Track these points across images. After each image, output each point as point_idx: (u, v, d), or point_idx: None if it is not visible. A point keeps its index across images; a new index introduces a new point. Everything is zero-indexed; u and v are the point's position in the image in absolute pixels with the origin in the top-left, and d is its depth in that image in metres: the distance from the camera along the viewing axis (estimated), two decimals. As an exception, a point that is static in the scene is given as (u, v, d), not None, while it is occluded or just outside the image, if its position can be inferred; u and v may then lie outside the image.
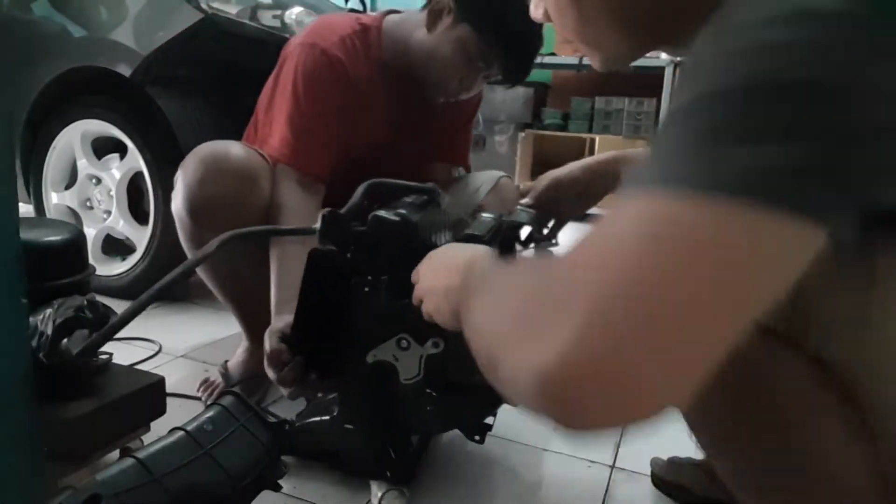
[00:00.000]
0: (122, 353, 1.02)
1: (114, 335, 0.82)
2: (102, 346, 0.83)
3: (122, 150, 1.82)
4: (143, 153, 1.75)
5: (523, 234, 1.01)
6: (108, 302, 0.92)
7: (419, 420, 0.96)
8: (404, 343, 0.90)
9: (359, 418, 0.95)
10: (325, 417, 0.96)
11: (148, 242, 1.79)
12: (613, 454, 1.17)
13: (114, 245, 1.95)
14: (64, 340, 0.83)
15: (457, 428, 1.00)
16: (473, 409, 0.98)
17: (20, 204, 1.31)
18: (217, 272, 1.22)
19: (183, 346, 1.54)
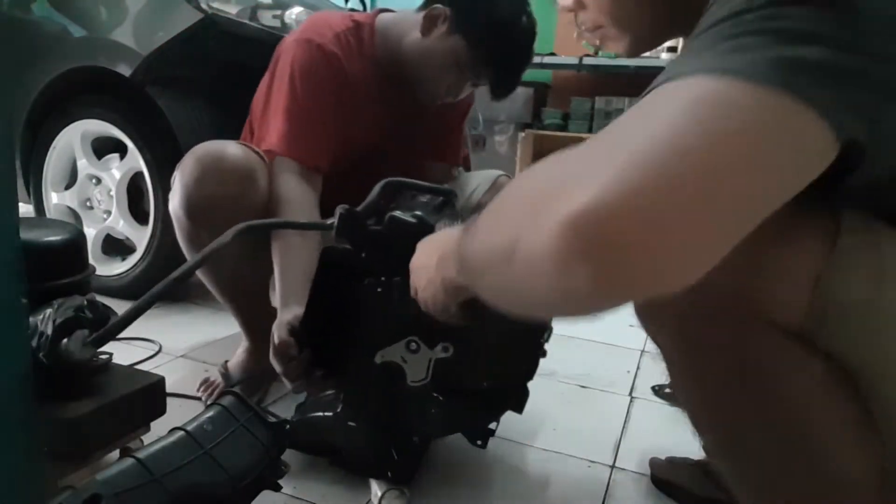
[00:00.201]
0: (122, 353, 1.01)
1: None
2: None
3: (122, 150, 1.82)
4: (143, 153, 1.75)
5: None
6: (108, 302, 0.92)
7: (423, 422, 0.96)
8: (413, 345, 0.90)
9: (362, 417, 0.95)
10: (329, 414, 0.96)
11: (148, 242, 1.79)
12: (613, 454, 1.17)
13: (114, 245, 1.95)
14: (64, 340, 0.83)
15: (460, 432, 1.00)
16: (478, 415, 0.98)
17: (20, 204, 1.31)
18: (217, 273, 1.22)
19: (183, 346, 1.54)
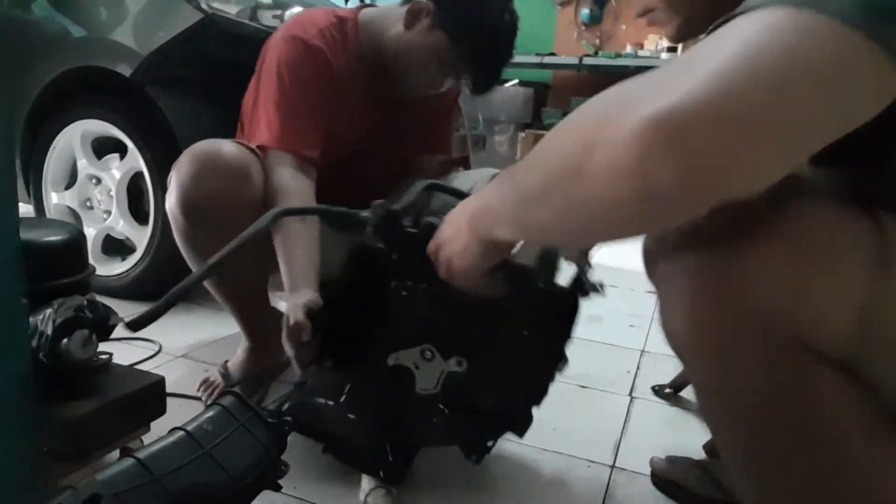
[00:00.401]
0: (122, 353, 1.01)
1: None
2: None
3: (122, 150, 1.82)
4: (143, 153, 1.75)
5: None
6: (108, 302, 0.92)
7: (423, 429, 0.96)
8: (428, 354, 0.90)
9: (364, 412, 0.95)
10: (331, 402, 0.96)
11: (148, 242, 1.79)
12: (613, 454, 1.17)
13: (114, 245, 1.95)
14: (64, 340, 0.83)
15: (458, 445, 1.00)
16: (479, 431, 0.99)
17: (20, 204, 1.31)
18: (219, 275, 1.22)
19: (183, 346, 1.54)
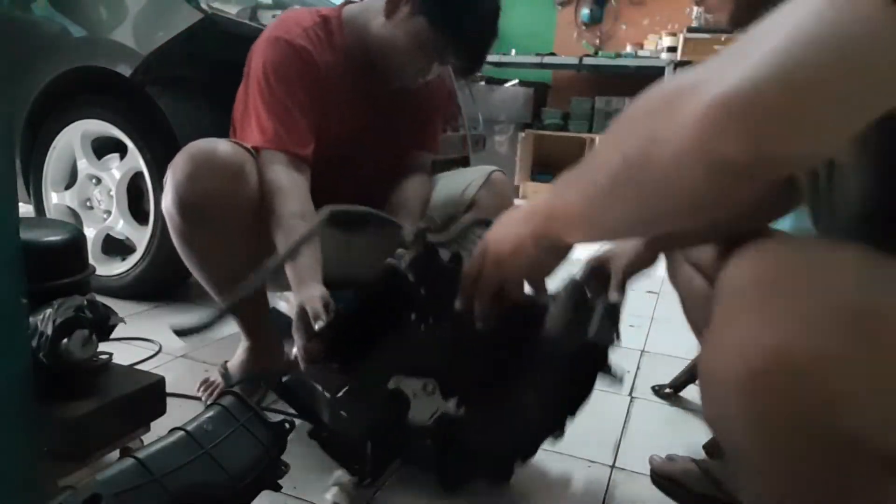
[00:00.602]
0: (122, 353, 1.01)
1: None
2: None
3: (122, 150, 1.82)
4: (143, 153, 1.75)
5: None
6: (108, 302, 0.92)
7: (407, 450, 0.97)
8: (430, 388, 0.91)
9: (354, 414, 0.95)
10: (327, 393, 0.96)
11: (148, 242, 1.79)
12: (613, 454, 1.17)
13: (114, 245, 1.95)
14: (64, 340, 0.83)
15: (436, 476, 1.01)
16: (457, 472, 1.00)
17: (20, 204, 1.31)
18: (215, 273, 1.22)
19: (183, 346, 1.54)
